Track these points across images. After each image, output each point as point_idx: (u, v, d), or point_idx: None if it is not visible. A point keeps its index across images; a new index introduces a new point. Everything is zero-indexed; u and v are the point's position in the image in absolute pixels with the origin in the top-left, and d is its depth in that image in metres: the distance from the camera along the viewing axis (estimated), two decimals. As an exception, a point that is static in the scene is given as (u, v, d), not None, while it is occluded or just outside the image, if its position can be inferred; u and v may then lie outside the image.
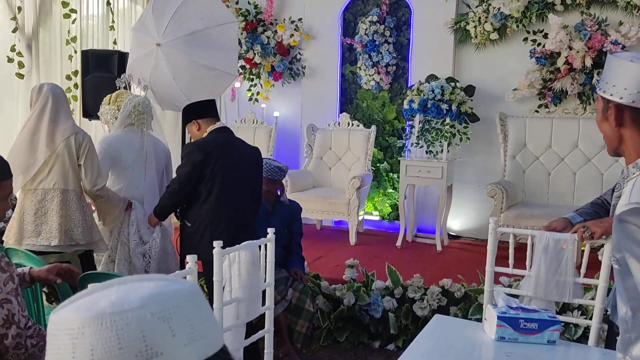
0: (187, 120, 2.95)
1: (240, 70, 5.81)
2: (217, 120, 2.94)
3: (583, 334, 3.09)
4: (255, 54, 5.63)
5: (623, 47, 4.43)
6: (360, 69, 5.47)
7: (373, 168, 5.44)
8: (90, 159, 2.85)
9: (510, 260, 2.37)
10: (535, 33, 4.79)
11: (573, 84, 4.60)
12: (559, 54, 4.62)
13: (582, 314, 3.13)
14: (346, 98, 5.64)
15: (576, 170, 4.63)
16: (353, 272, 3.67)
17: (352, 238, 4.82)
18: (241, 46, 5.65)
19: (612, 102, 1.27)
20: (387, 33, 5.31)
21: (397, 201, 5.13)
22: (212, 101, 2.92)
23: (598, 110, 1.36)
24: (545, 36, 4.71)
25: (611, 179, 4.51)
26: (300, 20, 5.60)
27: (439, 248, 4.69)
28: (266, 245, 2.16)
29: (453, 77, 4.96)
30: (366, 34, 5.33)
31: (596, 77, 4.49)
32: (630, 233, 1.18)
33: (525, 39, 4.82)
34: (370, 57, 5.36)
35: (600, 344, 2.11)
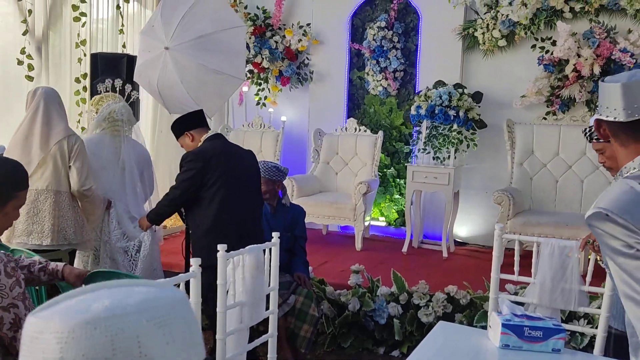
0: (179, 133, 2.99)
1: (248, 74, 5.83)
2: (209, 128, 2.99)
3: (589, 343, 3.07)
4: (263, 59, 5.65)
5: (632, 55, 4.40)
6: (367, 75, 5.47)
7: (380, 174, 5.43)
8: (80, 161, 2.92)
9: (515, 267, 2.37)
10: (543, 40, 4.77)
11: (581, 92, 4.57)
12: (567, 62, 4.60)
13: (589, 323, 3.10)
14: (353, 103, 5.64)
15: (584, 178, 4.60)
16: (358, 278, 3.66)
17: (358, 243, 4.81)
18: (249, 50, 5.67)
19: (604, 122, 1.30)
20: (395, 39, 5.32)
21: (404, 207, 5.12)
22: (201, 111, 2.96)
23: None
24: (553, 43, 4.70)
25: None
26: (308, 25, 5.62)
27: (445, 254, 4.67)
28: (270, 249, 2.16)
29: (461, 84, 4.96)
30: (374, 40, 5.33)
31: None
32: (599, 237, 1.21)
33: (533, 46, 4.81)
34: (378, 63, 5.37)
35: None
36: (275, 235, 2.20)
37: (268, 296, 2.19)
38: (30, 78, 4.87)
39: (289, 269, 3.33)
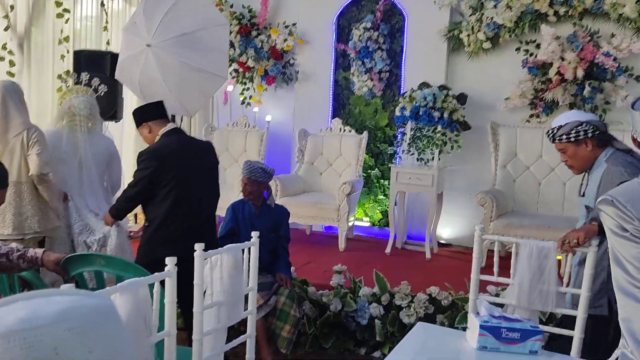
0: (138, 123, 2.98)
1: (233, 73, 5.80)
2: (168, 121, 2.98)
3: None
4: (248, 58, 5.62)
5: (614, 59, 4.45)
6: (353, 75, 5.47)
7: (364, 174, 5.43)
8: (39, 147, 2.99)
9: (495, 268, 2.37)
10: (527, 43, 4.80)
11: (564, 95, 4.61)
12: (551, 65, 4.63)
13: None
14: (339, 104, 5.63)
15: (566, 180, 4.63)
16: (340, 278, 3.65)
17: (342, 244, 4.80)
18: (235, 49, 5.64)
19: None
20: (381, 40, 5.32)
21: (388, 208, 5.12)
22: (161, 102, 2.95)
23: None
24: (537, 46, 4.73)
25: (601, 190, 4.52)
26: (294, 25, 5.60)
27: (428, 256, 4.68)
28: (250, 249, 2.14)
29: (445, 85, 4.97)
30: (360, 40, 5.33)
31: (587, 89, 4.50)
32: (604, 221, 1.42)
33: (517, 49, 4.84)
34: (363, 64, 5.37)
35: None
36: (254, 234, 2.17)
37: (247, 296, 2.18)
38: (11, 74, 4.80)
39: (272, 270, 3.31)
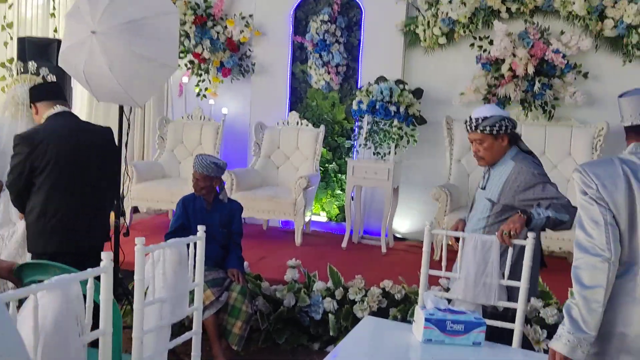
0: (30, 104, 2.87)
1: (188, 65, 5.67)
2: (58, 104, 2.84)
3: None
4: (204, 49, 5.50)
5: (564, 56, 4.56)
6: (310, 68, 5.42)
7: (322, 168, 5.41)
8: None
9: (443, 262, 2.39)
10: (481, 39, 4.87)
11: (516, 91, 4.70)
12: (504, 61, 4.71)
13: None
14: (296, 97, 5.58)
15: (517, 174, 4.72)
16: (294, 273, 3.61)
17: (298, 239, 4.76)
18: (190, 40, 5.51)
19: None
20: (338, 33, 5.29)
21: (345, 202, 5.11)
22: (56, 83, 2.83)
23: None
24: (490, 43, 4.80)
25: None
26: (250, 16, 5.51)
27: (384, 250, 4.70)
28: (195, 243, 2.08)
29: (402, 80, 4.99)
30: (317, 33, 5.29)
31: (537, 85, 4.60)
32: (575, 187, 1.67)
33: (472, 45, 4.90)
34: (320, 57, 5.33)
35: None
36: (200, 229, 2.11)
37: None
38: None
39: (224, 265, 3.24)
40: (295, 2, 5.43)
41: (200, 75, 5.67)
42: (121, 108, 3.27)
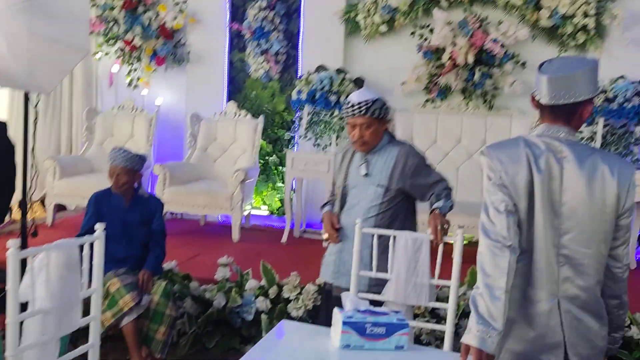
0: None
1: (118, 52, 5.33)
2: None
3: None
4: (135, 36, 5.17)
5: (502, 45, 4.51)
6: (248, 57, 5.19)
7: (262, 161, 5.20)
8: None
9: (373, 262, 2.25)
10: (422, 28, 4.77)
11: (457, 80, 4.63)
12: (444, 50, 4.63)
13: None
14: (234, 87, 5.34)
15: (459, 165, 4.67)
16: (226, 272, 3.40)
17: (235, 234, 4.54)
18: (119, 26, 5.17)
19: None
20: (277, 20, 5.09)
21: (285, 196, 4.92)
22: None
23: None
24: (431, 31, 4.70)
25: (491, 175, 4.59)
26: (184, 2, 5.22)
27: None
28: (93, 244, 1.85)
29: (343, 69, 4.83)
30: (255, 20, 5.06)
31: (477, 74, 4.55)
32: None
33: (412, 33, 4.79)
34: (259, 45, 5.10)
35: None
36: (99, 227, 1.88)
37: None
38: None
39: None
40: (231, -13, 5.19)
41: (131, 63, 5.34)
42: (26, 95, 2.97)
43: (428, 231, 2.18)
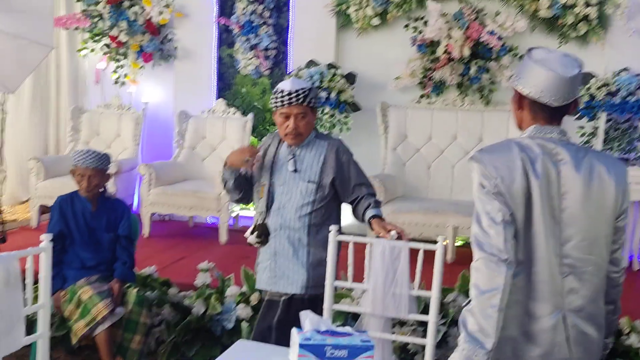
0: None
1: (104, 48, 5.19)
2: None
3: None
4: (120, 32, 5.02)
5: (499, 37, 4.33)
6: (238, 52, 5.04)
7: (252, 160, 5.05)
8: None
9: (349, 271, 2.11)
10: (416, 20, 4.59)
11: (452, 74, 4.45)
12: (439, 43, 4.45)
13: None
14: (224, 83, 5.21)
15: (455, 163, 4.50)
16: (207, 277, 3.25)
17: (223, 237, 4.40)
18: (104, 22, 5.03)
19: (516, 91, 1.55)
20: (266, 14, 4.92)
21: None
22: None
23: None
24: (425, 23, 4.52)
25: (488, 173, 4.42)
26: (171, -4, 5.07)
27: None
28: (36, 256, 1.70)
29: (334, 64, 4.67)
30: (244, 14, 4.90)
31: (474, 68, 4.37)
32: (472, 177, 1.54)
33: (406, 26, 4.61)
34: (248, 40, 4.95)
35: None
36: (45, 237, 1.73)
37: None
38: None
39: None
40: (218, -19, 5.03)
41: (118, 60, 5.19)
42: (-8, 95, 2.84)
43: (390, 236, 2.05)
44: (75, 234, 2.75)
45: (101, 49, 5.18)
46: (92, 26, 5.06)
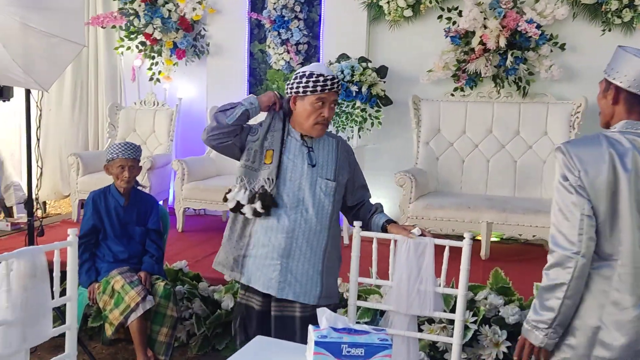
0: None
1: (139, 46, 5.28)
2: None
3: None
4: (155, 29, 5.10)
5: (538, 26, 4.18)
6: (269, 47, 5.04)
7: (284, 155, 5.05)
8: None
9: (373, 268, 2.07)
10: (449, 10, 4.48)
11: (487, 66, 4.32)
12: (474, 34, 4.33)
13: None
14: (255, 79, 5.21)
15: (490, 157, 4.38)
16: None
17: (255, 231, 4.42)
18: (139, 20, 5.11)
19: (613, 85, 1.54)
20: (297, 8, 4.90)
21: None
22: None
23: (600, 89, 1.63)
24: (459, 14, 4.41)
25: (524, 166, 4.29)
26: (203, -8, 5.12)
27: (346, 241, 4.36)
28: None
29: (366, 57, 4.61)
30: (275, 9, 4.90)
31: (510, 59, 4.23)
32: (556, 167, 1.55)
33: (439, 17, 4.51)
34: (279, 34, 4.94)
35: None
36: (71, 232, 1.77)
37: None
38: None
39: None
40: (250, -24, 5.04)
41: (152, 57, 5.28)
42: (27, 92, 2.92)
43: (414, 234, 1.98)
44: (108, 228, 2.80)
45: (136, 47, 5.27)
46: (128, 24, 5.15)
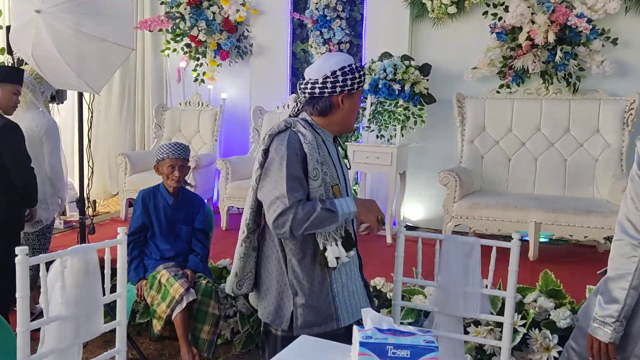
0: None
1: (185, 48, 5.39)
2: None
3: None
4: (200, 31, 5.20)
5: (589, 21, 4.03)
6: (311, 47, 5.05)
7: (326, 154, 5.05)
8: None
9: (418, 268, 2.04)
10: (495, 6, 4.37)
11: (535, 62, 4.19)
12: (521, 29, 4.21)
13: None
14: (298, 78, 5.22)
15: (538, 155, 4.25)
16: (279, 270, 3.29)
17: (297, 230, 4.44)
18: (185, 22, 5.22)
19: None
20: (340, 7, 4.89)
21: (349, 190, 4.75)
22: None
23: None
24: (505, 9, 4.30)
25: (574, 165, 4.14)
26: (247, -7, 5.18)
27: (389, 240, 4.33)
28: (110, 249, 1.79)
29: (409, 55, 4.56)
30: (317, 9, 4.90)
31: (559, 54, 4.09)
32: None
33: (485, 13, 4.41)
34: (321, 34, 4.94)
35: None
36: (121, 230, 1.82)
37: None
38: None
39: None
40: (293, -24, 5.07)
41: (197, 59, 5.39)
42: (80, 95, 3.03)
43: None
44: (156, 227, 2.87)
45: (182, 49, 5.39)
46: (174, 27, 5.27)
